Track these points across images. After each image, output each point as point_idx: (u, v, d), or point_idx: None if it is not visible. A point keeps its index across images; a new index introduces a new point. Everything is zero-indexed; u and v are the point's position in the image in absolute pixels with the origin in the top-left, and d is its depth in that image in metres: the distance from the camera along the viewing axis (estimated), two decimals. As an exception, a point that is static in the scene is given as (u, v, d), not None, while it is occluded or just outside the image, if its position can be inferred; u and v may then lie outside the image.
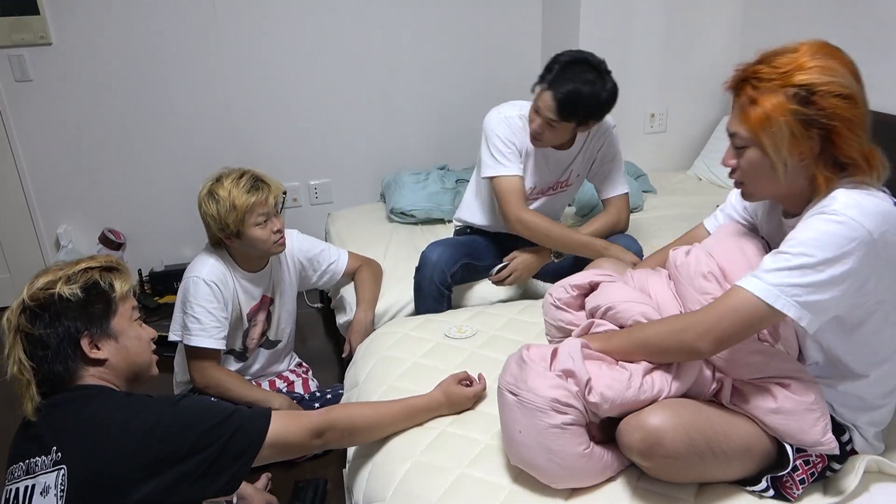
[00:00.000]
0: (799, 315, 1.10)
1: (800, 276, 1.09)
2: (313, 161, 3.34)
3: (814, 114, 1.11)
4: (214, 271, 1.96)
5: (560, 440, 1.22)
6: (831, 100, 1.11)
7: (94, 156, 3.06)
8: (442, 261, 2.05)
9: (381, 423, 1.43)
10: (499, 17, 3.32)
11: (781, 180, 1.18)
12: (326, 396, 2.12)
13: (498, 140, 2.05)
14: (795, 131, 1.13)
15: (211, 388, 1.94)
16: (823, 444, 1.19)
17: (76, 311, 1.16)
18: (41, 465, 1.09)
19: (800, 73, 1.12)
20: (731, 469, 1.22)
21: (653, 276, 1.44)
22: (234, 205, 1.87)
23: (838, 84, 1.11)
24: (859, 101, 1.13)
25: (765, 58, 1.18)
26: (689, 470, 1.18)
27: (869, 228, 1.07)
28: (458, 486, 1.30)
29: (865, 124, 1.15)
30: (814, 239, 1.09)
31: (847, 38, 2.64)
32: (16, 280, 3.15)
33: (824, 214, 1.10)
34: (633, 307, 1.33)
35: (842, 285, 1.09)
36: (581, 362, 1.24)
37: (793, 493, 1.21)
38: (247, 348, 2.13)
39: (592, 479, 1.25)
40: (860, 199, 1.10)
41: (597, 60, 1.91)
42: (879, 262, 1.10)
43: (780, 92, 1.13)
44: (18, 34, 2.79)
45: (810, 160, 1.15)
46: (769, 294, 1.10)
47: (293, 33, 3.10)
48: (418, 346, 1.80)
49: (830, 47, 1.16)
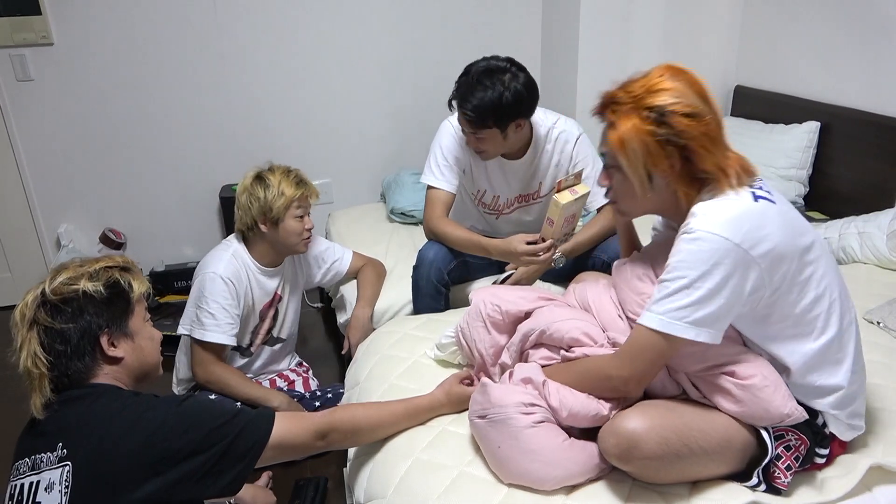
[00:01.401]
0: (695, 333, 1.16)
1: (680, 298, 1.15)
2: (314, 161, 3.34)
3: (666, 133, 1.18)
4: (230, 268, 1.98)
5: (537, 438, 1.26)
6: (680, 119, 1.18)
7: (95, 155, 3.06)
8: (438, 259, 2.06)
9: (383, 424, 1.44)
10: (500, 19, 3.33)
11: (646, 197, 1.26)
12: (327, 395, 2.13)
13: (440, 151, 2.09)
14: (652, 150, 1.20)
15: (212, 384, 1.95)
16: (791, 415, 1.21)
17: (98, 308, 1.17)
18: (46, 462, 1.09)
19: (649, 97, 1.20)
20: (714, 465, 1.23)
21: (591, 287, 1.51)
22: (283, 192, 1.96)
23: (684, 104, 1.18)
24: (707, 118, 1.19)
25: (624, 84, 1.26)
26: (670, 470, 1.20)
27: (726, 236, 1.13)
28: (459, 484, 1.30)
29: (718, 138, 1.21)
30: (682, 261, 1.16)
31: (846, 40, 2.67)
32: (17, 279, 3.16)
33: (685, 234, 1.17)
34: (567, 324, 1.40)
35: (722, 293, 1.14)
36: (537, 371, 1.34)
37: (782, 483, 1.22)
38: (252, 344, 2.14)
39: (584, 472, 1.27)
40: (715, 210, 1.17)
41: (497, 65, 1.88)
42: (752, 260, 1.14)
43: (635, 114, 1.20)
44: (20, 34, 2.80)
45: (671, 177, 1.22)
46: (661, 324, 1.17)
47: (294, 33, 3.11)
48: (419, 345, 1.81)
49: (677, 69, 1.24)
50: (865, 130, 2.58)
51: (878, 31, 2.53)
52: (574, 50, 3.13)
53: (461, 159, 2.08)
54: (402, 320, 2.04)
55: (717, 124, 1.21)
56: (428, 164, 2.11)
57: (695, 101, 1.19)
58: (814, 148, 2.79)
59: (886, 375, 1.58)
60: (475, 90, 1.84)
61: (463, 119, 1.91)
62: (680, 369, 1.28)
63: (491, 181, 2.13)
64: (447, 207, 2.11)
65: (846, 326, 1.26)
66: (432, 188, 2.10)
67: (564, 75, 3.27)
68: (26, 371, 1.15)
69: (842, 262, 2.30)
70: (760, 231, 1.14)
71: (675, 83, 1.20)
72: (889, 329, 1.80)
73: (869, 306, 1.91)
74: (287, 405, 1.99)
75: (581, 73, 3.15)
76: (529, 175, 2.11)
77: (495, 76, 1.85)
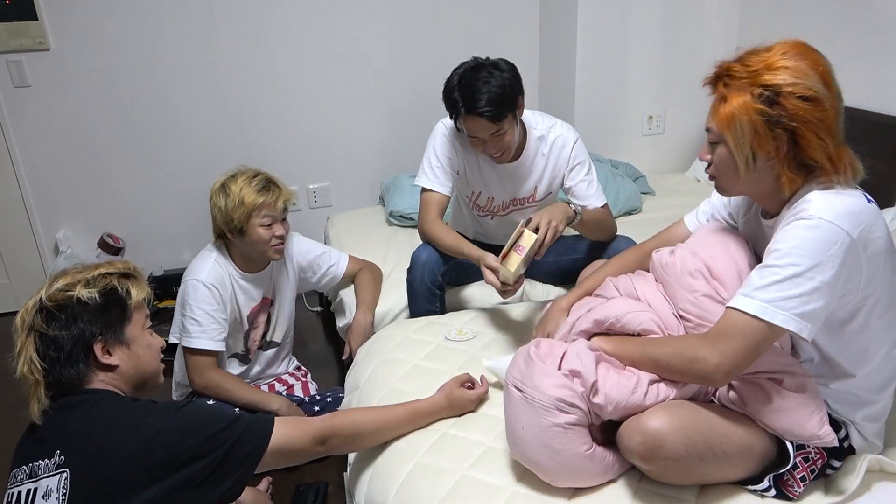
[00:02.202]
0: (799, 327, 1.10)
1: (791, 287, 1.09)
2: (312, 164, 3.34)
3: (777, 115, 1.12)
4: (213, 273, 1.97)
5: (562, 439, 1.22)
6: (795, 101, 1.11)
7: (93, 161, 3.06)
8: (431, 261, 2.06)
9: (384, 428, 1.43)
10: (497, 20, 3.33)
11: (748, 178, 1.20)
12: (326, 399, 2.12)
13: (433, 153, 2.08)
14: (759, 130, 1.14)
15: (210, 390, 1.94)
16: (821, 438, 1.19)
17: (92, 316, 1.16)
18: (44, 469, 1.08)
19: (767, 73, 1.13)
20: (732, 469, 1.22)
21: (639, 281, 1.44)
22: (242, 201, 1.91)
23: (804, 86, 1.11)
24: (825, 104, 1.12)
25: (742, 55, 1.19)
26: (691, 471, 1.18)
27: (846, 230, 1.08)
28: (460, 488, 1.30)
29: (833, 127, 1.14)
30: (796, 248, 1.09)
31: (845, 40, 2.67)
32: (15, 285, 3.15)
33: (801, 220, 1.11)
34: (639, 316, 1.33)
35: (833, 288, 1.09)
36: (590, 364, 1.25)
37: (794, 492, 1.21)
38: (249, 350, 2.13)
39: (594, 480, 1.26)
40: (834, 200, 1.11)
41: (474, 63, 1.90)
42: (860, 261, 1.11)
43: (747, 91, 1.14)
44: (17, 40, 2.80)
45: (776, 160, 1.16)
46: (766, 311, 1.10)
47: (291, 38, 3.10)
48: (419, 349, 1.80)
49: (804, 47, 1.17)
50: (865, 129, 2.57)
51: (877, 29, 2.53)
52: (572, 52, 3.13)
53: (455, 161, 2.08)
54: (402, 324, 2.03)
55: (836, 112, 1.14)
56: (422, 167, 2.11)
57: (815, 85, 1.11)
58: (813, 147, 2.78)
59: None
60: (479, 87, 1.83)
61: (480, 122, 1.86)
62: None
63: (486, 182, 2.12)
64: (441, 210, 2.10)
65: None
66: (426, 190, 2.09)
67: (562, 78, 3.27)
68: (23, 376, 1.14)
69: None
70: (874, 232, 1.11)
71: (798, 62, 1.13)
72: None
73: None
74: (286, 408, 1.98)
75: (579, 75, 3.15)
76: (524, 178, 2.11)
77: (482, 69, 1.86)
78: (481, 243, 2.22)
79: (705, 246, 1.37)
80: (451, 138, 2.06)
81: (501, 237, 2.26)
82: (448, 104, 1.92)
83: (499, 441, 1.41)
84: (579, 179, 2.06)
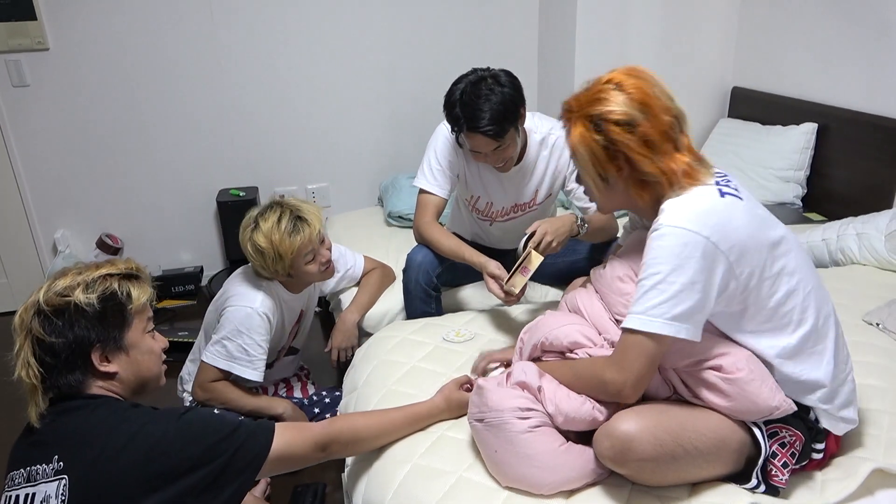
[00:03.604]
0: (675, 330, 1.16)
1: (657, 294, 1.16)
2: (311, 165, 3.34)
3: (604, 140, 1.24)
4: (267, 304, 1.90)
5: (534, 443, 1.26)
6: (613, 127, 1.23)
7: (92, 161, 3.06)
8: (426, 262, 2.06)
9: (384, 433, 1.43)
10: (496, 22, 3.33)
11: (607, 195, 1.32)
12: (325, 400, 2.12)
13: (433, 155, 2.07)
14: (598, 154, 1.26)
15: (213, 401, 1.92)
16: (780, 407, 1.21)
17: (90, 323, 1.13)
18: (42, 474, 1.07)
19: (591, 105, 1.26)
20: (711, 466, 1.23)
21: (581, 293, 1.51)
22: (279, 254, 1.83)
23: (619, 112, 1.23)
24: (645, 125, 1.22)
25: (578, 91, 1.32)
26: (666, 471, 1.20)
27: (695, 230, 1.15)
28: (457, 490, 1.30)
29: (658, 144, 1.23)
30: (654, 258, 1.18)
31: (843, 41, 2.67)
32: (13, 285, 3.14)
33: (655, 232, 1.19)
34: (564, 330, 1.40)
35: (696, 286, 1.15)
36: (533, 373, 1.34)
37: (780, 481, 1.23)
38: (277, 360, 2.13)
39: (581, 477, 1.26)
40: (683, 205, 1.19)
41: (474, 77, 1.87)
42: (721, 255, 1.16)
43: (580, 123, 1.27)
44: (15, 39, 2.79)
45: (622, 179, 1.27)
46: (642, 323, 1.17)
47: (290, 38, 3.10)
48: (417, 350, 1.80)
49: (631, 73, 1.28)
50: (863, 131, 2.58)
51: (875, 31, 2.53)
52: (571, 54, 3.13)
53: (455, 164, 2.07)
54: (399, 325, 2.03)
55: (658, 130, 1.23)
56: (421, 168, 2.10)
57: (630, 110, 1.23)
58: (811, 149, 2.79)
59: (886, 377, 1.58)
60: (480, 105, 1.81)
61: (482, 140, 1.85)
62: (668, 366, 1.28)
63: (486, 188, 2.12)
64: (438, 212, 2.10)
65: (824, 319, 1.27)
66: (424, 192, 2.09)
67: (561, 80, 3.27)
68: (21, 379, 1.13)
69: (840, 264, 2.30)
70: (728, 225, 1.17)
71: (616, 92, 1.25)
72: (888, 330, 1.79)
73: (868, 308, 1.91)
74: (291, 411, 1.97)
75: (578, 78, 3.15)
76: (525, 182, 2.10)
77: (482, 84, 1.84)
78: (479, 246, 2.22)
79: (631, 253, 1.43)
80: (453, 141, 2.05)
81: (500, 242, 2.26)
82: (450, 119, 1.90)
83: (496, 443, 1.41)
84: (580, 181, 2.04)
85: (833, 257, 2.32)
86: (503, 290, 1.78)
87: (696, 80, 3.30)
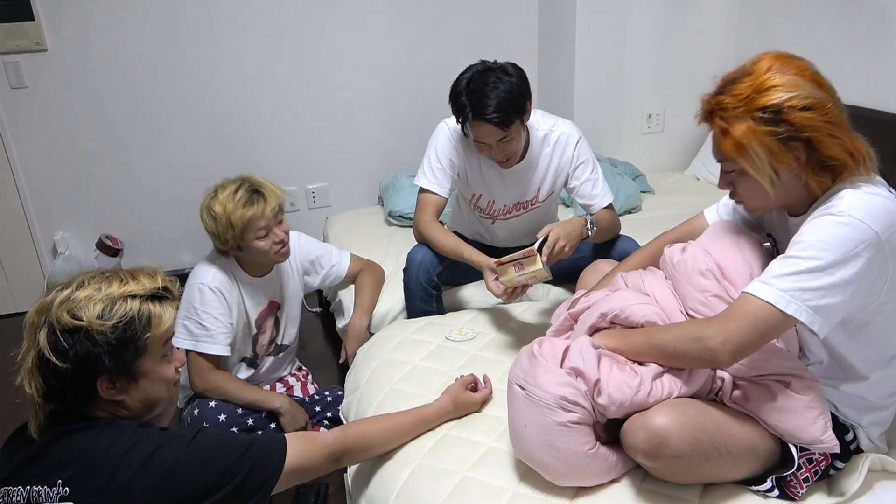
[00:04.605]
0: (811, 320, 1.09)
1: (810, 279, 1.08)
2: (311, 165, 3.34)
3: (786, 130, 1.13)
4: (218, 278, 1.95)
5: (565, 438, 1.21)
6: (798, 114, 1.12)
7: (91, 162, 3.05)
8: (426, 261, 2.05)
9: (394, 438, 1.42)
10: (495, 20, 3.32)
11: (777, 193, 1.20)
12: (326, 399, 2.12)
13: (434, 153, 2.06)
14: (774, 149, 1.15)
15: (211, 392, 1.93)
16: (823, 443, 1.18)
17: (100, 350, 1.05)
18: (45, 497, 1.02)
19: (760, 97, 1.14)
20: (736, 469, 1.21)
21: (648, 277, 1.43)
22: (230, 221, 1.84)
23: (801, 97, 1.12)
24: (826, 105, 1.14)
25: (724, 87, 1.21)
26: (695, 470, 1.18)
27: (876, 229, 1.07)
28: (462, 490, 1.29)
29: (841, 123, 1.16)
30: (821, 241, 1.08)
31: (844, 37, 2.66)
32: (13, 287, 3.14)
33: (831, 215, 1.10)
34: (642, 308, 1.32)
35: (851, 288, 1.08)
36: (593, 362, 1.24)
37: (797, 493, 1.21)
38: (257, 355, 2.12)
39: (597, 479, 1.25)
40: (866, 199, 1.10)
41: (482, 67, 1.87)
42: (886, 262, 1.10)
43: (747, 118, 1.15)
44: (13, 41, 2.79)
45: (799, 169, 1.17)
46: (780, 300, 1.09)
47: (289, 38, 3.09)
48: (419, 349, 1.80)
49: (784, 58, 1.18)
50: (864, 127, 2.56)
51: (875, 28, 2.53)
52: (571, 51, 3.13)
53: (456, 163, 2.06)
54: (401, 324, 2.03)
55: (838, 108, 1.15)
56: (422, 167, 2.10)
57: (810, 91, 1.13)
58: (812, 145, 2.78)
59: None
60: (487, 92, 1.80)
61: (487, 128, 1.83)
62: (735, 373, 1.24)
63: (487, 186, 2.11)
64: (438, 211, 2.09)
65: None
66: (424, 191, 2.08)
67: (561, 76, 3.27)
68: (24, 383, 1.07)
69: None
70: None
71: (785, 76, 1.14)
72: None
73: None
74: (288, 406, 1.97)
75: (578, 74, 3.15)
76: (528, 179, 2.09)
77: (490, 74, 1.83)
78: (481, 245, 2.21)
79: (718, 245, 1.36)
80: (454, 140, 2.04)
81: (502, 240, 2.25)
82: (455, 108, 1.89)
83: (500, 442, 1.40)
84: (584, 179, 2.04)
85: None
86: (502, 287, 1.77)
87: (697, 76, 3.29)
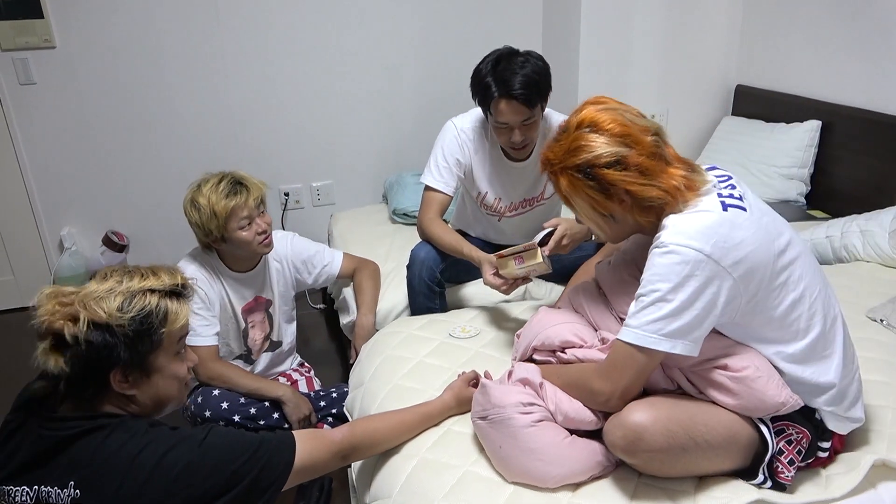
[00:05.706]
0: (671, 346, 1.17)
1: (655, 310, 1.17)
2: (315, 162, 3.35)
3: (598, 185, 1.23)
4: (199, 273, 1.98)
5: (537, 437, 1.27)
6: (606, 171, 1.22)
7: (98, 158, 3.07)
8: (430, 259, 2.07)
9: (400, 435, 1.44)
10: (500, 19, 3.33)
11: (616, 228, 1.31)
12: (332, 395, 2.13)
13: (440, 152, 2.08)
14: (597, 198, 1.25)
15: (215, 381, 1.95)
16: (787, 403, 1.22)
17: (118, 344, 1.06)
18: (55, 499, 1.03)
19: (571, 157, 1.24)
20: (719, 459, 1.24)
21: (583, 288, 1.53)
22: (214, 211, 1.88)
23: (607, 155, 1.21)
24: (633, 159, 1.21)
25: (551, 144, 1.31)
26: (675, 463, 1.21)
27: (697, 248, 1.15)
28: (464, 484, 1.31)
29: (651, 168, 1.22)
30: (655, 274, 1.18)
31: (847, 38, 2.67)
32: (20, 282, 3.16)
33: (657, 248, 1.19)
34: (556, 329, 1.42)
35: (695, 304, 1.16)
36: (534, 371, 1.37)
37: (786, 477, 1.24)
38: (251, 350, 2.14)
39: (586, 470, 1.28)
40: (687, 223, 1.18)
41: (507, 50, 1.90)
42: (723, 271, 1.15)
43: (566, 173, 1.26)
44: (23, 37, 2.81)
45: (625, 212, 1.26)
46: (637, 337, 1.18)
47: (295, 36, 3.11)
48: (423, 346, 1.81)
49: (595, 114, 1.25)
50: (867, 129, 2.59)
51: (878, 29, 2.54)
52: (575, 51, 3.14)
53: (462, 162, 2.08)
54: (405, 321, 2.04)
55: (647, 154, 1.22)
56: (428, 164, 2.11)
57: (616, 149, 1.21)
58: (815, 147, 2.79)
59: (889, 373, 1.58)
60: (515, 70, 1.82)
61: (513, 106, 1.84)
62: (674, 365, 1.29)
63: (493, 184, 2.13)
64: (442, 209, 2.11)
65: (831, 323, 1.27)
66: (429, 189, 2.10)
67: (565, 76, 3.28)
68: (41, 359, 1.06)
69: (844, 261, 2.30)
70: (731, 240, 1.16)
71: (594, 134, 1.23)
72: (892, 327, 1.80)
73: (871, 304, 1.91)
74: (291, 395, 1.99)
75: (582, 73, 3.16)
76: (535, 176, 2.11)
77: (516, 56, 1.86)
78: (488, 243, 2.23)
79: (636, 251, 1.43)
80: (461, 139, 2.06)
81: (509, 238, 2.26)
82: (478, 89, 1.89)
83: (502, 437, 1.42)
84: None
85: (837, 254, 2.32)
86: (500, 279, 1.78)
87: (700, 77, 3.31)
